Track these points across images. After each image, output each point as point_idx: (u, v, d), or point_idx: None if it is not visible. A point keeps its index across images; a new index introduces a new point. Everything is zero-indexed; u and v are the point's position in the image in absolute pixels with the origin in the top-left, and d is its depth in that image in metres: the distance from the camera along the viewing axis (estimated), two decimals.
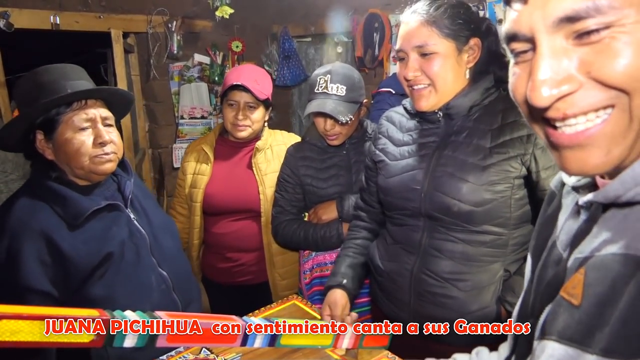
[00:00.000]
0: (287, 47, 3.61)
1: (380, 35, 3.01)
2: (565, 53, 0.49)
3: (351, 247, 1.47)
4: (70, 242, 1.15)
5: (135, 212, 1.33)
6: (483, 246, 1.20)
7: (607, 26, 0.46)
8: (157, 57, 3.25)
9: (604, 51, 0.46)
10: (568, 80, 0.49)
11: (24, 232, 1.12)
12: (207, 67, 3.48)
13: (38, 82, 1.20)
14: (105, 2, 2.99)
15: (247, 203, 1.83)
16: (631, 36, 0.45)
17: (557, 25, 0.48)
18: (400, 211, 1.30)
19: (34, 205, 1.17)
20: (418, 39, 1.18)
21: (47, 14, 2.74)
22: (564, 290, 0.54)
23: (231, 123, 1.81)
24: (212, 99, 3.56)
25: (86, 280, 1.16)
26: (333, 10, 3.28)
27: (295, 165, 1.74)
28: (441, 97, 1.21)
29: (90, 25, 2.92)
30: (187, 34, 3.31)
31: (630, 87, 0.46)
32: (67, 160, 1.21)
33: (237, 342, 0.87)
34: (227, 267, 1.87)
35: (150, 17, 3.13)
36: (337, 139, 1.65)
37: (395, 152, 1.33)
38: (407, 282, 1.28)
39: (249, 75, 1.80)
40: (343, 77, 1.58)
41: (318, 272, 1.74)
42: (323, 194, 1.71)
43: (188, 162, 1.92)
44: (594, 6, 0.46)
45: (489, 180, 1.16)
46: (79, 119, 1.19)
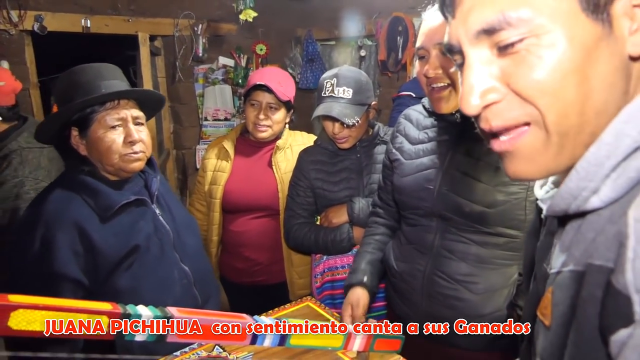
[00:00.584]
0: (311, 51, 3.63)
1: (403, 38, 3.00)
2: (490, 63, 0.51)
3: (370, 243, 1.47)
4: (101, 234, 1.19)
5: (161, 208, 1.38)
6: (497, 248, 1.18)
7: (522, 38, 0.48)
8: (183, 59, 3.32)
9: (520, 64, 0.48)
10: (493, 90, 0.51)
11: (58, 222, 1.17)
12: (232, 69, 3.53)
13: (74, 81, 1.26)
14: (134, 6, 3.07)
15: (265, 201, 1.84)
16: (544, 49, 0.47)
17: (477, 38, 0.51)
18: (414, 211, 1.30)
19: (67, 197, 1.22)
20: (440, 36, 1.13)
21: (79, 18, 2.84)
22: (539, 310, 0.55)
23: (252, 123, 1.83)
24: (236, 102, 3.61)
25: (114, 271, 1.20)
26: (357, 14, 3.29)
27: (307, 169, 1.74)
28: None
29: (119, 28, 3.01)
30: (212, 37, 3.37)
31: (541, 103, 0.48)
32: (99, 157, 1.26)
33: (247, 340, 0.88)
34: (245, 267, 1.89)
35: (177, 21, 3.21)
36: (347, 142, 1.64)
37: (411, 150, 1.33)
38: (419, 283, 1.27)
39: (272, 77, 1.82)
40: (349, 80, 1.58)
41: (329, 276, 1.74)
42: (334, 197, 1.71)
43: (208, 159, 1.95)
44: (504, 19, 0.48)
45: (502, 181, 1.14)
46: (111, 118, 1.24)
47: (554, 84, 0.47)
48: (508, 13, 0.47)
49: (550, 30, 0.47)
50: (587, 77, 0.47)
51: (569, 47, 0.47)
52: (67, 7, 2.83)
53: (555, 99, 0.48)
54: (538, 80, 0.48)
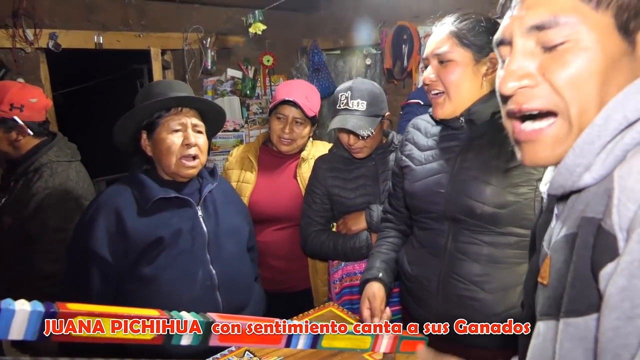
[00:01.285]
0: (317, 60, 3.69)
1: (409, 47, 3.05)
2: (532, 55, 0.61)
3: (383, 244, 1.52)
4: (135, 222, 1.34)
5: (205, 212, 1.47)
6: (508, 248, 1.22)
7: (564, 40, 0.58)
8: (192, 72, 3.38)
9: (558, 59, 0.58)
10: (528, 77, 0.61)
11: (104, 206, 1.36)
12: (239, 81, 3.59)
13: (150, 92, 1.45)
14: (144, 21, 3.14)
15: (291, 212, 1.88)
16: (579, 51, 0.57)
17: (529, 32, 0.61)
18: (426, 214, 1.34)
19: (120, 188, 1.41)
20: (438, 47, 1.24)
21: (92, 34, 2.91)
22: (539, 277, 0.64)
23: (277, 136, 1.87)
24: (244, 112, 3.66)
25: (140, 258, 1.34)
26: (362, 23, 3.35)
27: (323, 177, 1.78)
28: (456, 106, 1.26)
29: (131, 43, 3.08)
30: (220, 49, 3.44)
31: (568, 95, 0.58)
32: (160, 157, 1.42)
33: (282, 343, 0.92)
34: (270, 276, 1.90)
35: (186, 35, 3.27)
36: (362, 152, 1.69)
37: (420, 157, 1.37)
38: (434, 285, 1.31)
39: (300, 91, 1.85)
40: (363, 92, 1.63)
41: (348, 281, 1.77)
42: (350, 204, 1.74)
43: (232, 169, 1.98)
44: (554, 20, 0.58)
45: (511, 182, 1.19)
46: (173, 122, 1.40)
47: (582, 81, 0.57)
48: (559, 16, 0.58)
49: (588, 37, 0.57)
50: (607, 82, 0.57)
51: (600, 53, 0.57)
52: (81, 24, 2.90)
53: (579, 93, 0.57)
54: (570, 74, 0.58)
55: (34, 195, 1.86)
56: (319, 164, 1.82)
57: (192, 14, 3.31)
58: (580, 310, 0.53)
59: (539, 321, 0.62)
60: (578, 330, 0.53)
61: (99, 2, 2.95)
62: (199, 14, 3.34)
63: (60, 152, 2.00)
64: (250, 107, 3.68)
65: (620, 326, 0.46)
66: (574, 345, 0.53)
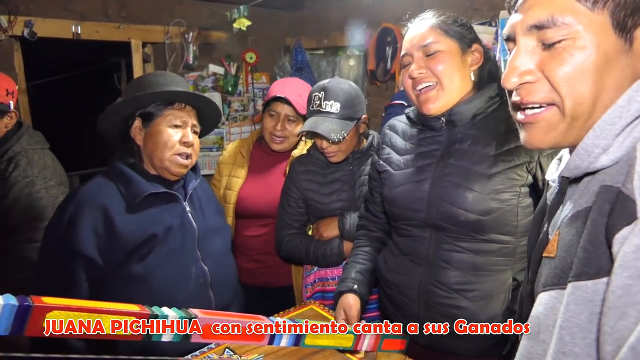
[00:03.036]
0: (300, 59, 3.67)
1: (392, 49, 3.06)
2: (533, 53, 0.65)
3: (359, 254, 1.47)
4: (124, 219, 1.27)
5: (192, 207, 1.43)
6: (491, 255, 1.20)
7: (562, 39, 0.62)
8: (173, 67, 3.32)
9: (556, 57, 0.63)
10: (529, 73, 0.65)
11: (87, 203, 1.27)
12: (221, 77, 3.55)
13: (150, 82, 1.38)
14: (125, 13, 3.07)
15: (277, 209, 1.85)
16: (576, 50, 0.61)
17: (529, 30, 0.65)
18: (406, 222, 1.30)
19: (103, 183, 1.32)
20: (423, 39, 1.21)
21: (69, 24, 2.83)
22: (545, 252, 0.67)
23: (270, 133, 1.85)
24: (225, 109, 3.62)
25: (129, 257, 1.26)
26: (346, 24, 3.35)
27: (299, 179, 1.72)
28: (448, 98, 1.22)
29: (110, 35, 3.01)
30: (202, 44, 3.39)
31: (564, 91, 0.62)
32: (153, 149, 1.35)
33: (265, 341, 0.91)
34: (253, 268, 1.91)
35: (168, 28, 3.21)
36: (336, 157, 1.62)
37: (399, 161, 1.33)
38: (415, 293, 1.27)
39: (293, 89, 1.83)
40: (338, 93, 1.55)
41: (320, 286, 1.75)
42: (325, 209, 1.70)
43: (225, 163, 1.98)
44: (552, 20, 0.62)
45: (494, 189, 1.17)
46: (175, 117, 1.35)
47: (577, 78, 0.61)
48: (556, 16, 0.62)
49: (584, 36, 0.61)
50: (602, 78, 0.61)
51: (594, 52, 0.60)
52: (58, 13, 2.81)
53: (574, 88, 0.62)
54: (566, 72, 0.62)
55: (13, 185, 1.83)
56: (294, 166, 1.77)
57: (174, 7, 3.25)
58: (590, 274, 0.55)
59: (541, 293, 0.64)
60: (586, 294, 0.55)
61: None
62: (181, 7, 3.29)
63: (32, 140, 1.98)
64: (232, 104, 3.64)
65: (631, 284, 0.48)
66: (580, 309, 0.55)
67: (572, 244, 0.60)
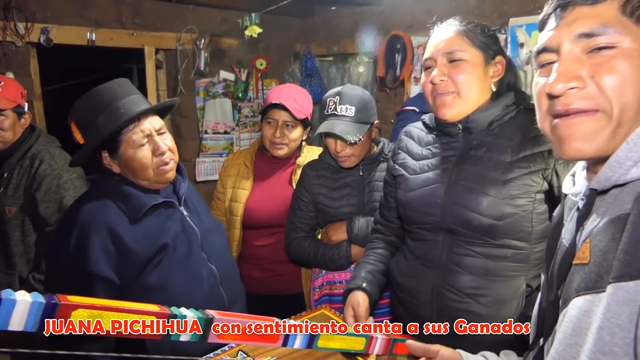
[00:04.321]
0: (310, 66, 3.71)
1: (402, 56, 3.08)
2: (579, 60, 0.68)
3: (371, 255, 1.49)
4: (131, 235, 1.27)
5: (188, 210, 1.45)
6: (504, 260, 1.21)
7: (610, 46, 0.65)
8: (185, 73, 3.37)
9: (605, 64, 0.65)
10: (577, 79, 0.67)
11: (91, 225, 1.25)
12: (232, 83, 3.59)
13: (93, 106, 1.31)
14: (138, 20, 3.12)
15: (286, 218, 1.87)
16: (623, 57, 0.65)
17: (577, 39, 0.68)
18: (420, 225, 1.31)
19: (100, 202, 1.30)
20: (448, 45, 1.22)
21: (84, 31, 2.88)
22: (576, 259, 0.69)
23: (269, 140, 1.87)
24: (236, 115, 3.66)
25: (144, 269, 1.27)
26: (356, 31, 3.38)
27: (310, 184, 1.76)
28: (464, 106, 1.23)
29: (123, 41, 3.06)
30: (214, 51, 3.43)
31: (613, 96, 0.65)
32: (133, 173, 1.34)
33: (279, 342, 0.92)
34: (263, 277, 1.92)
35: (180, 35, 3.26)
36: (349, 161, 1.65)
37: (415, 166, 1.35)
38: (428, 297, 1.28)
39: (288, 95, 1.86)
40: (352, 98, 1.60)
41: (327, 289, 1.77)
42: (335, 213, 1.73)
43: (228, 176, 1.98)
44: (603, 28, 0.65)
45: (509, 194, 1.18)
46: (137, 137, 1.31)
47: (625, 84, 0.64)
48: (607, 25, 0.65)
49: (631, 46, 0.65)
50: None
51: (638, 61, 0.64)
52: (73, 20, 2.87)
53: (622, 94, 0.65)
54: (615, 78, 0.65)
55: (43, 179, 1.97)
56: (306, 170, 1.81)
57: (186, 14, 3.30)
58: (632, 274, 0.57)
59: (575, 298, 0.66)
60: (628, 294, 0.57)
61: None
62: (193, 14, 3.34)
63: (48, 139, 2.14)
64: (242, 109, 3.67)
65: None
66: (621, 309, 0.58)
67: (608, 249, 0.62)
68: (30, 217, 2.00)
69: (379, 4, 3.26)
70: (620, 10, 0.65)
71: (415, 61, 3.04)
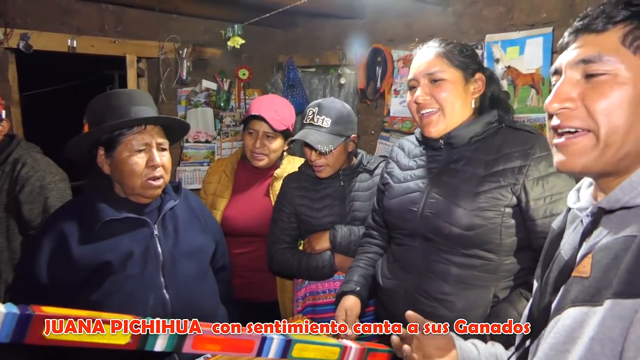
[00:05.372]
0: (292, 77, 3.74)
1: (382, 68, 3.14)
2: (576, 84, 0.73)
3: (362, 259, 1.56)
4: (80, 246, 1.26)
5: (163, 231, 1.39)
6: (474, 270, 1.27)
7: (604, 73, 0.70)
8: (167, 81, 3.37)
9: (596, 89, 0.71)
10: (570, 100, 0.73)
11: (50, 227, 1.28)
12: (214, 93, 3.60)
13: (107, 105, 1.34)
14: (121, 28, 3.12)
15: (263, 227, 1.89)
16: (615, 84, 0.70)
17: (577, 64, 0.74)
18: (400, 231, 1.40)
19: (71, 209, 1.32)
20: (429, 67, 1.31)
21: (65, 37, 2.86)
22: (575, 272, 0.73)
23: (250, 151, 1.90)
24: (217, 124, 3.66)
25: (85, 283, 1.25)
26: (338, 44, 3.43)
27: (291, 196, 1.80)
28: (449, 123, 1.32)
29: (105, 49, 3.05)
30: (196, 60, 3.44)
31: (600, 120, 0.70)
32: (121, 178, 1.33)
33: (254, 351, 0.94)
34: (238, 284, 1.92)
35: (163, 44, 3.26)
36: (324, 172, 1.71)
37: (400, 175, 1.44)
38: (402, 299, 1.35)
39: (269, 106, 1.89)
40: (331, 110, 1.67)
41: (310, 300, 1.78)
42: (316, 223, 1.76)
43: (210, 182, 2.01)
44: (598, 56, 0.71)
45: (479, 206, 1.24)
46: (137, 142, 1.31)
47: (613, 109, 0.69)
48: (602, 54, 0.71)
49: (624, 74, 0.69)
50: (636, 112, 0.69)
51: (632, 88, 0.69)
52: (54, 26, 2.85)
53: (610, 118, 0.70)
54: (603, 103, 0.70)
55: (27, 180, 1.99)
56: (287, 182, 1.84)
57: (169, 23, 3.31)
58: (631, 293, 0.62)
59: (570, 308, 0.70)
60: (624, 310, 0.61)
61: (75, 6, 2.92)
62: (176, 24, 3.35)
63: (28, 145, 2.14)
64: (224, 119, 3.68)
65: None
66: (615, 323, 0.62)
67: (610, 267, 0.66)
68: (15, 220, 2.00)
69: (361, 18, 3.33)
70: (620, 40, 0.70)
71: (396, 74, 3.10)
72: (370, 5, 3.20)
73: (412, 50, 1.42)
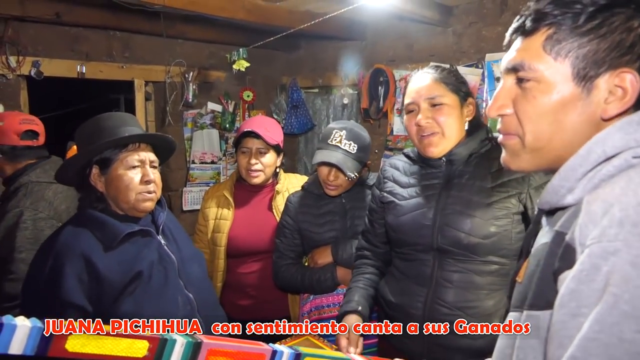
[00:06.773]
0: (296, 98, 3.81)
1: (385, 88, 3.20)
2: (511, 90, 0.76)
3: (361, 280, 1.58)
4: (106, 263, 1.29)
5: (166, 239, 1.47)
6: (490, 275, 1.33)
7: (530, 79, 0.71)
8: (173, 104, 3.44)
9: (526, 95, 0.73)
10: (506, 106, 0.76)
11: (66, 253, 1.28)
12: (219, 114, 3.67)
13: (101, 126, 1.40)
14: (128, 53, 3.20)
15: (269, 244, 1.93)
16: (539, 92, 0.71)
17: (508, 71, 0.76)
18: (412, 247, 1.42)
19: (77, 231, 1.33)
20: (429, 91, 1.38)
21: (75, 64, 2.95)
22: (517, 276, 0.77)
23: (245, 169, 1.94)
24: (222, 145, 3.72)
25: (117, 297, 1.28)
26: (340, 64, 3.51)
27: (295, 213, 1.86)
28: (448, 144, 1.39)
29: (114, 74, 3.13)
30: (202, 83, 3.52)
31: (525, 127, 0.73)
32: (116, 194, 1.38)
33: None
34: (249, 304, 1.95)
35: (169, 68, 3.34)
36: (336, 191, 1.77)
37: (403, 192, 1.47)
38: (420, 313, 1.37)
39: (259, 124, 1.96)
40: (358, 136, 1.74)
41: (316, 314, 1.81)
42: (319, 238, 1.82)
43: (209, 208, 2.02)
44: (521, 63, 0.73)
45: (494, 215, 1.32)
46: (132, 159, 1.38)
47: (538, 117, 0.72)
48: (525, 61, 0.72)
49: (547, 81, 0.70)
50: (559, 120, 0.70)
51: (553, 96, 0.70)
52: (64, 53, 2.94)
53: (535, 126, 0.72)
54: (528, 111, 0.73)
55: (5, 215, 1.89)
56: (291, 200, 1.91)
57: (175, 48, 3.39)
58: (540, 305, 0.64)
59: (510, 312, 0.74)
60: (537, 321, 0.64)
61: (84, 33, 3.01)
62: (182, 48, 3.43)
63: (44, 173, 2.03)
64: (229, 140, 3.74)
65: (566, 320, 0.56)
66: (532, 334, 0.65)
67: (533, 274, 0.69)
68: None
69: (363, 39, 3.41)
70: (542, 45, 0.70)
71: (398, 93, 3.15)
72: (371, 27, 3.29)
73: (413, 70, 1.49)
